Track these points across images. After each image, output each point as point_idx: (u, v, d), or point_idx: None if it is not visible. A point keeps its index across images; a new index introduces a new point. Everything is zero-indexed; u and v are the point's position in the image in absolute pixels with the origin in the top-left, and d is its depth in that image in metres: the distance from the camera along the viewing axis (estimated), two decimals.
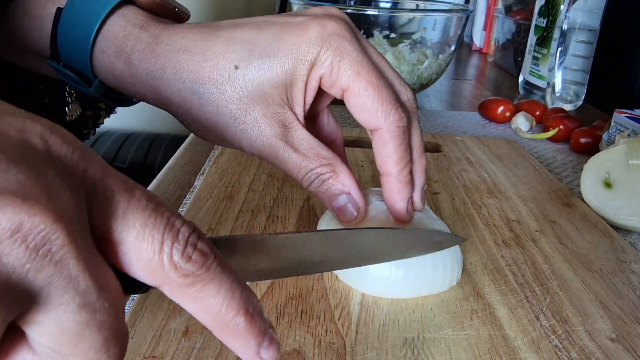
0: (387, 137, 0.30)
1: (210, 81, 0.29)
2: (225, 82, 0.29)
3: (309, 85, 0.30)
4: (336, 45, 0.29)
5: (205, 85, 0.29)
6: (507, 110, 0.75)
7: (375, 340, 0.29)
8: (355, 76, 0.29)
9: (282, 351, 0.27)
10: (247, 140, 0.30)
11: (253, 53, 0.29)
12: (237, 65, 0.29)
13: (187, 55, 0.30)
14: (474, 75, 1.15)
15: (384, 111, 0.30)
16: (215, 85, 0.29)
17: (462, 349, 0.28)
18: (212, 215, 0.41)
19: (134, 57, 0.30)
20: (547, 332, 0.30)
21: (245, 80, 0.29)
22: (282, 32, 0.30)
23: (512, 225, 0.43)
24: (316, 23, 0.29)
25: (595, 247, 0.40)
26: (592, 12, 0.77)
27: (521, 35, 1.04)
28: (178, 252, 0.17)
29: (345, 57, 0.29)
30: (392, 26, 0.82)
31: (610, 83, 0.90)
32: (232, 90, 0.29)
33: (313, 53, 0.29)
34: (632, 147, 0.45)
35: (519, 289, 0.34)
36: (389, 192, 0.32)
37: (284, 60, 0.29)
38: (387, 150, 0.31)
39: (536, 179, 0.52)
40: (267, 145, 0.30)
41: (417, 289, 0.33)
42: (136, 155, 1.23)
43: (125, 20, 0.31)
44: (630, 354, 0.29)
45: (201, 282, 0.17)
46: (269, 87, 0.29)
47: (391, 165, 0.31)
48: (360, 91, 0.29)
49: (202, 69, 0.29)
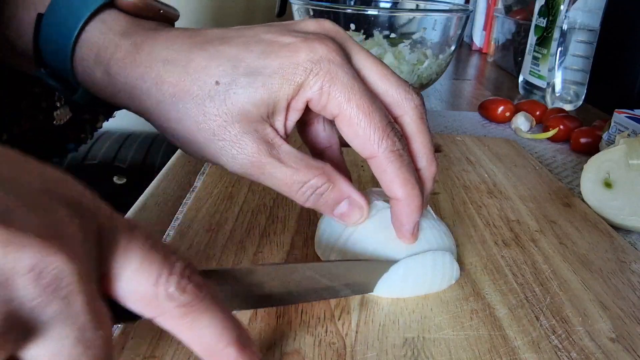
0: (384, 164, 0.29)
1: (190, 95, 0.28)
2: (205, 97, 0.28)
3: (294, 106, 0.29)
4: (326, 70, 0.28)
5: (184, 100, 0.28)
6: (507, 110, 0.75)
7: (375, 340, 0.29)
8: (346, 102, 0.28)
9: (282, 351, 0.27)
10: (227, 157, 0.29)
11: (237, 70, 0.28)
12: (218, 80, 0.28)
13: (168, 66, 0.28)
14: (474, 75, 1.15)
15: (377, 138, 0.29)
16: (195, 100, 0.28)
17: (462, 349, 0.28)
18: (212, 215, 0.41)
19: (113, 65, 0.29)
20: (547, 332, 0.30)
21: (226, 96, 0.28)
22: (270, 51, 0.28)
23: (512, 225, 0.43)
24: (306, 46, 0.28)
25: (595, 247, 0.40)
26: (592, 12, 0.77)
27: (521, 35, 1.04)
28: (174, 284, 0.18)
29: (335, 83, 0.28)
30: (392, 26, 0.82)
31: (610, 83, 0.90)
32: (212, 105, 0.28)
33: (301, 76, 0.28)
34: (632, 147, 0.45)
35: (519, 289, 0.34)
36: (396, 214, 0.31)
37: (268, 80, 0.28)
38: (387, 176, 0.30)
39: (536, 179, 0.52)
40: (250, 162, 0.28)
41: (416, 288, 0.33)
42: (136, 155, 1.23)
43: (106, 26, 0.30)
44: (630, 354, 0.29)
45: (194, 313, 0.18)
46: (250, 105, 0.28)
47: (396, 189, 0.30)
48: (351, 118, 0.28)
49: (183, 82, 0.28)
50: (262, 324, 0.29)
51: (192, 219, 0.40)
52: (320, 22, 0.30)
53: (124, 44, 0.29)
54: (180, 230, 0.38)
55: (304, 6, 0.82)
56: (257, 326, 0.29)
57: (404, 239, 0.32)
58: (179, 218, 0.41)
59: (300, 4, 0.82)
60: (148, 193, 0.47)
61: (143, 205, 0.45)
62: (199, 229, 0.39)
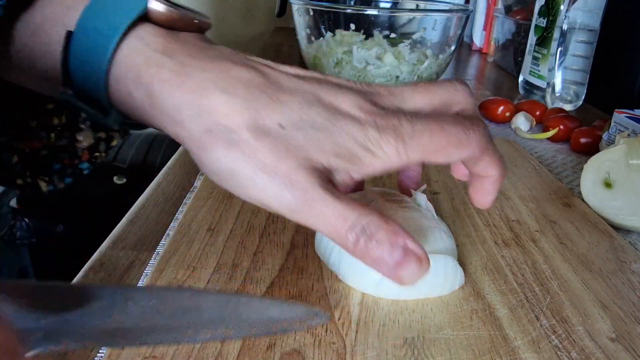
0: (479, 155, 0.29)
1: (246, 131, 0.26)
2: (263, 135, 0.26)
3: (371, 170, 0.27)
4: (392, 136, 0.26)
5: (237, 133, 0.26)
6: (507, 110, 0.75)
7: (375, 340, 0.29)
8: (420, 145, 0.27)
9: (282, 351, 0.27)
10: (273, 193, 0.26)
11: (302, 122, 0.26)
12: (282, 124, 0.26)
13: (224, 98, 0.26)
14: (474, 75, 1.15)
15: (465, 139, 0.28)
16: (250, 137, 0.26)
17: (462, 349, 0.28)
18: (212, 215, 0.41)
19: (156, 86, 0.26)
20: (547, 332, 0.30)
21: (289, 136, 0.26)
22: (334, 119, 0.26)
23: (512, 225, 0.43)
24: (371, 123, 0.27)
25: (595, 247, 0.40)
26: (592, 12, 0.77)
27: (521, 35, 1.04)
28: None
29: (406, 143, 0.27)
30: (392, 26, 0.82)
31: (610, 83, 0.90)
32: (270, 140, 0.26)
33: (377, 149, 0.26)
34: (632, 147, 0.45)
35: (519, 289, 0.34)
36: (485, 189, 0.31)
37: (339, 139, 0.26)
38: (485, 162, 0.29)
39: (536, 179, 0.52)
40: (302, 198, 0.25)
41: (415, 291, 0.33)
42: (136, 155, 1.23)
43: (143, 42, 0.27)
44: (630, 354, 0.29)
45: None
46: (316, 151, 0.26)
47: (492, 170, 0.30)
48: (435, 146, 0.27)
49: (240, 118, 0.26)
50: None
51: (192, 219, 0.40)
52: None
53: (168, 64, 0.27)
54: (180, 230, 0.38)
55: (304, 6, 0.82)
56: None
57: (482, 206, 0.31)
58: (178, 218, 0.41)
59: (300, 4, 0.82)
60: (148, 193, 0.47)
61: (143, 205, 0.45)
62: (199, 229, 0.39)
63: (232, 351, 0.27)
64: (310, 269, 0.35)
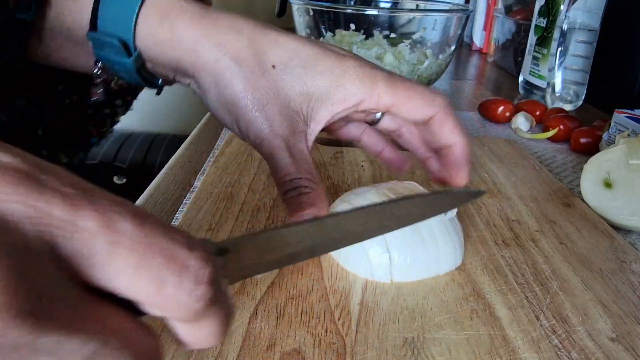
0: (444, 117, 0.34)
1: (248, 65, 0.32)
2: (260, 73, 0.32)
3: (343, 105, 0.32)
4: (369, 72, 0.32)
5: (242, 66, 0.32)
6: (507, 110, 0.75)
7: (375, 340, 0.29)
8: (395, 89, 0.32)
9: (282, 351, 0.27)
10: (256, 128, 0.32)
11: (292, 60, 0.32)
12: (274, 65, 0.32)
13: (234, 35, 0.32)
14: (474, 75, 1.15)
15: (431, 99, 0.33)
16: (251, 70, 0.32)
17: (462, 349, 0.28)
18: (212, 215, 0.41)
19: (179, 24, 0.32)
20: (547, 332, 0.30)
21: (277, 79, 0.32)
22: (323, 53, 0.32)
23: (512, 225, 0.43)
24: (351, 56, 0.33)
25: (595, 247, 0.40)
26: (592, 12, 0.77)
27: (521, 35, 1.04)
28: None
29: (380, 81, 0.32)
30: (392, 26, 0.82)
31: (610, 83, 0.90)
32: (264, 81, 0.32)
33: (352, 84, 0.32)
34: (632, 147, 0.45)
35: (519, 289, 0.34)
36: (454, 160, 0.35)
37: (318, 77, 0.32)
38: (448, 126, 0.34)
39: (536, 179, 0.52)
40: (270, 140, 0.32)
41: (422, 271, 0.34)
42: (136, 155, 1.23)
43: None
44: (630, 354, 0.29)
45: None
46: (296, 93, 0.32)
47: (456, 135, 0.34)
48: (406, 96, 0.33)
49: (245, 53, 0.32)
50: (262, 323, 0.29)
51: (192, 219, 0.40)
52: None
53: (190, 8, 0.32)
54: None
55: (304, 6, 0.82)
56: (257, 326, 0.29)
57: (460, 180, 0.35)
58: (178, 218, 0.41)
59: (300, 4, 0.82)
60: (148, 193, 0.47)
61: (143, 205, 0.45)
62: (199, 229, 0.39)
63: (232, 351, 0.27)
64: (310, 269, 0.35)
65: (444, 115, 0.34)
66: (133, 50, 0.33)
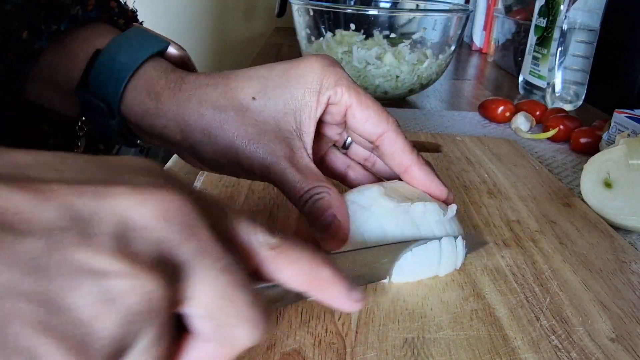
0: (394, 136, 0.35)
1: (232, 107, 0.33)
2: (244, 109, 0.33)
3: (319, 110, 0.34)
4: (334, 72, 0.34)
5: (226, 111, 0.33)
6: (507, 110, 0.75)
7: (375, 340, 0.29)
8: (355, 93, 0.34)
9: (282, 351, 0.27)
10: (260, 160, 0.33)
11: (267, 86, 0.34)
12: (254, 96, 0.34)
13: (211, 88, 0.34)
14: (474, 75, 1.15)
15: (385, 116, 0.35)
16: (235, 110, 0.33)
17: (462, 349, 0.28)
18: None
19: (164, 94, 0.34)
20: (547, 332, 0.30)
21: (262, 108, 0.33)
22: (290, 67, 0.34)
23: (512, 225, 0.43)
24: (315, 59, 0.35)
25: (595, 247, 0.40)
26: (592, 12, 0.77)
27: (521, 35, 1.04)
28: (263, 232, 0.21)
29: (342, 80, 0.34)
30: (392, 26, 0.82)
31: (610, 83, 0.90)
32: (251, 115, 0.33)
33: (318, 81, 0.34)
34: (632, 147, 0.45)
35: (519, 289, 0.34)
36: (419, 180, 0.36)
37: (293, 90, 0.34)
38: (399, 146, 0.35)
39: (536, 179, 0.52)
40: (276, 165, 0.33)
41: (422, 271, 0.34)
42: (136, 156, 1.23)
43: (159, 66, 0.35)
44: (630, 354, 0.29)
45: (286, 251, 0.21)
46: (282, 114, 0.34)
47: (407, 157, 0.35)
48: (362, 103, 0.34)
49: (225, 98, 0.34)
50: None
51: None
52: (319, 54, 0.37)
53: (173, 77, 0.35)
54: None
55: (304, 6, 0.82)
56: None
57: (441, 194, 0.36)
58: None
59: (300, 4, 0.82)
60: None
61: None
62: None
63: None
64: None
65: (395, 134, 0.35)
66: (117, 114, 0.35)
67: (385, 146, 0.35)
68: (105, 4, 0.38)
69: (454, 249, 0.34)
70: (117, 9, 0.39)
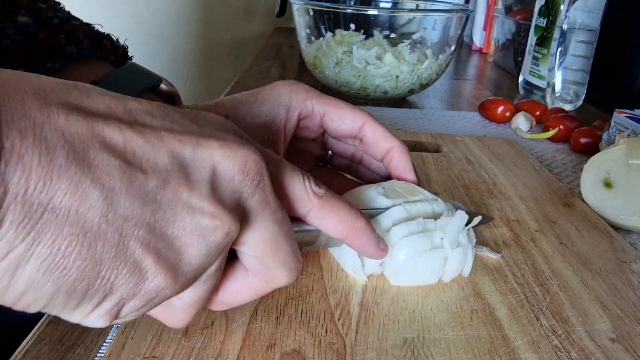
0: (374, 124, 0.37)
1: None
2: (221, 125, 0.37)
3: (291, 122, 0.36)
4: (302, 88, 0.37)
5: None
6: (507, 110, 0.75)
7: (375, 340, 0.29)
8: (326, 100, 0.37)
9: (282, 351, 0.27)
10: None
11: (237, 106, 0.36)
12: (227, 114, 0.36)
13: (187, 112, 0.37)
14: (474, 75, 1.15)
15: (360, 110, 0.37)
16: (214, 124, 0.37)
17: (462, 349, 0.28)
18: None
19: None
20: (547, 332, 0.30)
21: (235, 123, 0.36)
22: (260, 90, 0.37)
23: (512, 225, 0.43)
24: (283, 82, 0.38)
25: (595, 247, 0.40)
26: (592, 12, 0.77)
27: (521, 35, 1.04)
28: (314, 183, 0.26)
29: (312, 93, 0.37)
30: (392, 26, 0.82)
31: (610, 83, 0.90)
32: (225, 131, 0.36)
33: (287, 97, 0.36)
34: (632, 147, 0.45)
35: (519, 289, 0.34)
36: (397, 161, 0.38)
37: (262, 107, 0.36)
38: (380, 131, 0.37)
39: (536, 179, 0.52)
40: None
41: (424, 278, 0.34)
42: None
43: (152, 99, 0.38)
44: (630, 354, 0.29)
45: (330, 201, 0.26)
46: (255, 127, 0.36)
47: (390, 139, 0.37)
48: (335, 106, 0.37)
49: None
50: (262, 323, 0.29)
51: None
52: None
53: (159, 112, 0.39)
54: None
55: (304, 6, 0.82)
56: (257, 326, 0.29)
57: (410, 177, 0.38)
58: None
59: (300, 4, 0.82)
60: None
61: None
62: None
63: (232, 351, 0.27)
64: (310, 269, 0.35)
65: (374, 121, 0.37)
66: None
67: (368, 135, 0.37)
68: (99, 43, 0.41)
69: (464, 259, 0.34)
70: (110, 46, 0.42)
